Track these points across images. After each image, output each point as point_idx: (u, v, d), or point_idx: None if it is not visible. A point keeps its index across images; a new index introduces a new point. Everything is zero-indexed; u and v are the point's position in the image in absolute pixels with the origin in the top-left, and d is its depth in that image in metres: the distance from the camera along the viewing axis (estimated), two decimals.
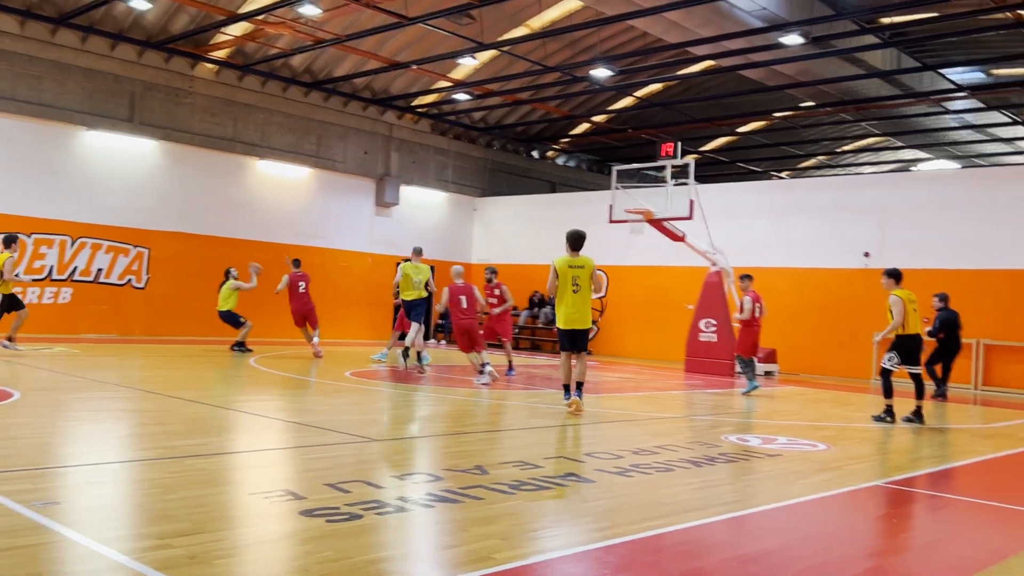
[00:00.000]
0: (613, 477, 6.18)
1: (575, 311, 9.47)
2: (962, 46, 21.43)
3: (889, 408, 10.31)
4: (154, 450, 6.44)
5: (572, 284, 9.40)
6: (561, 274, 9.47)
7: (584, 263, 9.53)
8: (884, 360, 10.41)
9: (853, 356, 18.61)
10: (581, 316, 9.51)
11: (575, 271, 9.46)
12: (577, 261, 9.53)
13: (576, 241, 9.61)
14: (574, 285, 9.40)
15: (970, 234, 17.45)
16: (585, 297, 9.48)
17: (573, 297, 9.44)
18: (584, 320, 9.54)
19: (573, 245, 9.59)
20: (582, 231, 9.74)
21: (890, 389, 10.37)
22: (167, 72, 19.50)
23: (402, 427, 9.01)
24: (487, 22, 18.72)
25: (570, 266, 9.49)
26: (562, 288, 9.46)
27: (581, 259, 9.57)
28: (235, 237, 20.71)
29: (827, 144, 31.65)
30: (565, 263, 9.50)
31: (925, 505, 6.28)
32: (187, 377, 11.81)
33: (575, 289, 9.41)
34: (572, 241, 9.60)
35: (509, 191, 27.12)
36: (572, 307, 9.46)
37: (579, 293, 9.44)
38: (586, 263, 9.54)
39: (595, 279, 9.71)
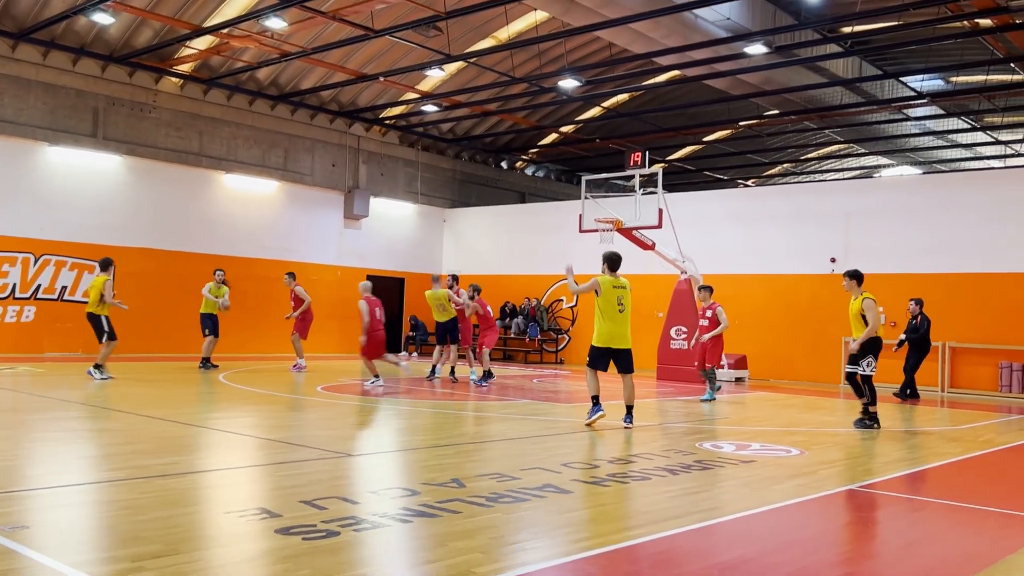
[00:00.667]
0: (590, 487, 6.17)
1: (620, 330, 9.53)
2: (922, 54, 21.81)
3: (874, 414, 10.36)
4: (123, 470, 6.33)
5: (618, 304, 9.48)
6: (606, 292, 9.50)
7: (627, 284, 9.68)
8: (864, 367, 10.24)
9: (821, 361, 18.82)
10: (624, 336, 9.58)
11: (620, 291, 9.54)
12: (620, 282, 9.63)
13: (615, 263, 9.73)
14: (619, 305, 9.49)
15: (933, 238, 17.74)
16: (628, 318, 9.57)
17: (620, 317, 9.51)
18: (627, 339, 9.60)
19: (612, 266, 9.69)
20: (619, 254, 9.88)
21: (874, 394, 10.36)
22: (131, 87, 19.28)
23: (377, 441, 8.94)
24: (454, 34, 18.75)
25: (614, 286, 9.54)
26: (607, 307, 9.48)
27: (623, 280, 9.69)
28: (203, 252, 20.49)
29: (792, 152, 32.05)
30: (609, 283, 9.54)
31: (899, 508, 6.34)
32: (155, 395, 11.64)
33: (621, 309, 9.50)
34: (611, 262, 9.69)
35: (479, 202, 27.13)
36: (618, 326, 9.51)
37: (624, 313, 9.54)
38: (627, 284, 9.68)
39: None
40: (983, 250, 17.10)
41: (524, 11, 18.70)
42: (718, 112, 24.93)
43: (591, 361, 9.67)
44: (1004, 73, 22.26)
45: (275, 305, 21.71)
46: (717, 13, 16.82)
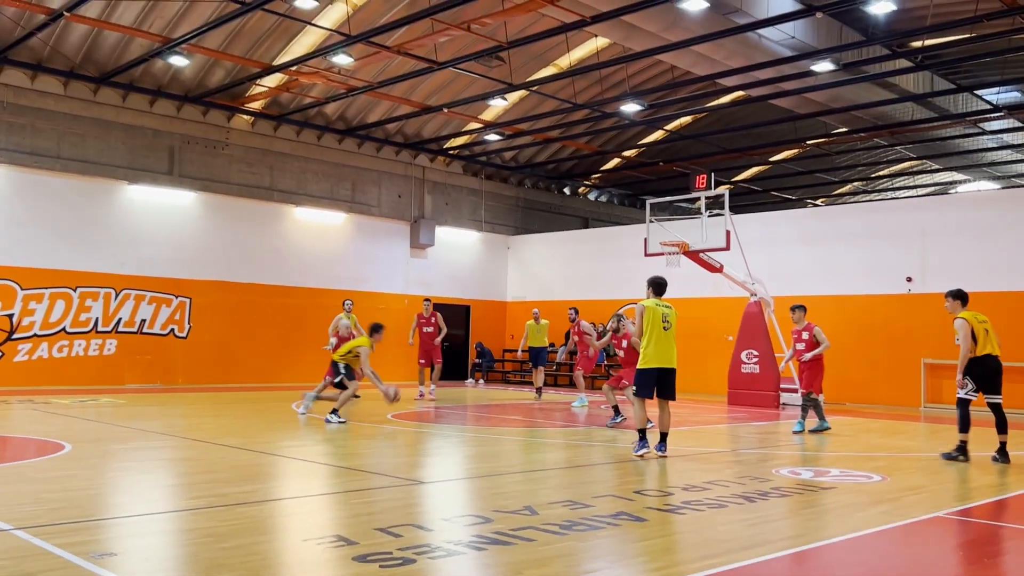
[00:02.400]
0: (665, 515, 6.07)
1: (667, 348, 9.32)
2: (996, 66, 21.19)
3: (962, 445, 9.35)
4: (203, 498, 6.46)
5: (663, 321, 9.32)
6: (651, 313, 9.37)
7: (671, 304, 9.56)
8: (959, 389, 9.38)
9: (900, 383, 18.25)
10: (672, 354, 9.37)
11: (664, 310, 9.43)
12: (663, 303, 9.55)
13: (661, 287, 9.67)
14: (664, 322, 9.33)
15: (1014, 255, 17.12)
16: (673, 337, 9.40)
17: (665, 335, 9.33)
18: (674, 359, 9.38)
19: (658, 291, 9.63)
20: (665, 278, 9.83)
21: (967, 422, 9.37)
22: (204, 125, 19.93)
23: (447, 468, 8.96)
24: (515, 63, 18.93)
25: (658, 305, 9.46)
26: (652, 327, 9.30)
27: (666, 301, 9.62)
28: (274, 284, 20.95)
29: (862, 170, 31.38)
30: (654, 303, 9.46)
31: (990, 536, 6.08)
32: (231, 424, 11.88)
33: (666, 326, 9.33)
34: (657, 287, 9.65)
35: (542, 228, 27.19)
36: (665, 344, 9.30)
37: (669, 332, 9.36)
38: (672, 308, 9.56)
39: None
40: None
41: (585, 38, 18.79)
42: (784, 131, 24.57)
43: (639, 388, 9.39)
44: None
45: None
46: (781, 32, 16.63)
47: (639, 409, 9.39)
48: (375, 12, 17.01)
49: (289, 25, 17.33)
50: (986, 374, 9.28)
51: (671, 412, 9.44)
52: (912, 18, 18.25)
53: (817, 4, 15.18)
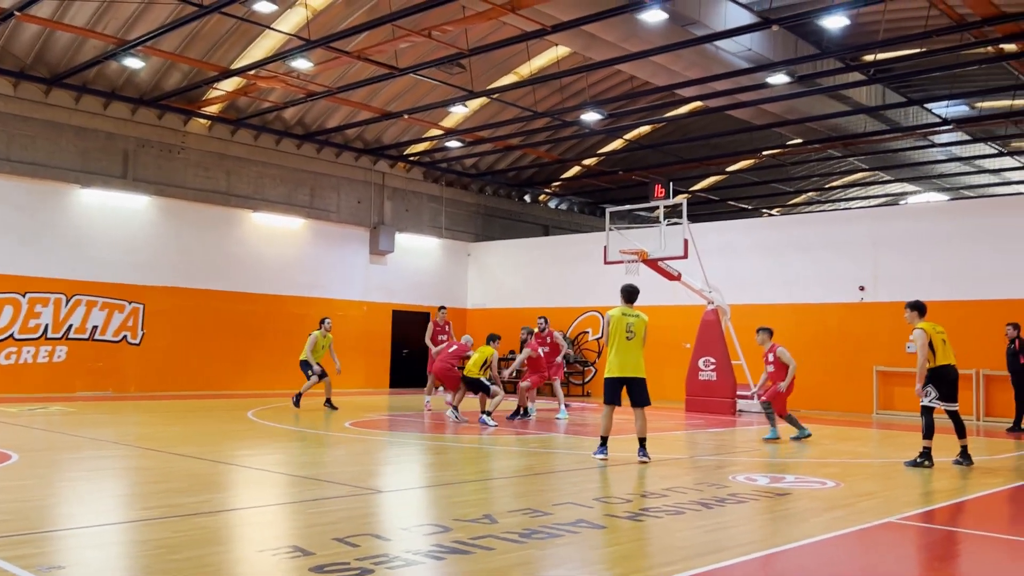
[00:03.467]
0: (624, 522, 6.10)
1: (630, 358, 9.32)
2: (946, 80, 21.74)
3: (927, 451, 9.51)
4: (156, 509, 6.35)
5: (627, 331, 9.32)
6: (615, 322, 9.39)
7: (639, 313, 9.55)
8: (923, 398, 9.61)
9: (853, 390, 18.56)
10: (635, 364, 9.35)
11: (629, 319, 9.41)
12: (631, 311, 9.53)
13: (630, 294, 9.67)
14: (628, 332, 9.32)
15: (962, 265, 17.53)
16: (638, 346, 9.38)
17: (628, 344, 9.32)
18: (639, 368, 9.37)
19: (627, 298, 9.63)
20: (636, 286, 9.82)
21: (931, 429, 9.57)
22: (160, 128, 19.63)
23: (406, 477, 8.90)
24: (476, 71, 18.95)
25: (624, 314, 9.45)
26: (616, 336, 9.34)
27: (635, 310, 9.59)
28: (230, 290, 20.69)
29: (816, 180, 31.93)
30: (620, 312, 9.47)
31: (940, 541, 6.20)
32: (186, 433, 11.69)
33: (629, 336, 9.32)
34: (626, 294, 9.65)
35: (503, 235, 27.22)
36: (626, 353, 9.31)
37: (633, 341, 9.34)
38: (641, 315, 9.55)
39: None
40: (1013, 277, 16.86)
41: (546, 47, 18.88)
42: (741, 142, 24.92)
43: (606, 396, 9.46)
44: None
45: (302, 342, 21.80)
46: (738, 44, 16.87)
47: (604, 416, 9.49)
48: (335, 17, 16.92)
49: (247, 29, 17.16)
50: (946, 383, 9.53)
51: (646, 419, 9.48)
52: (865, 32, 18.65)
53: (773, 17, 15.44)
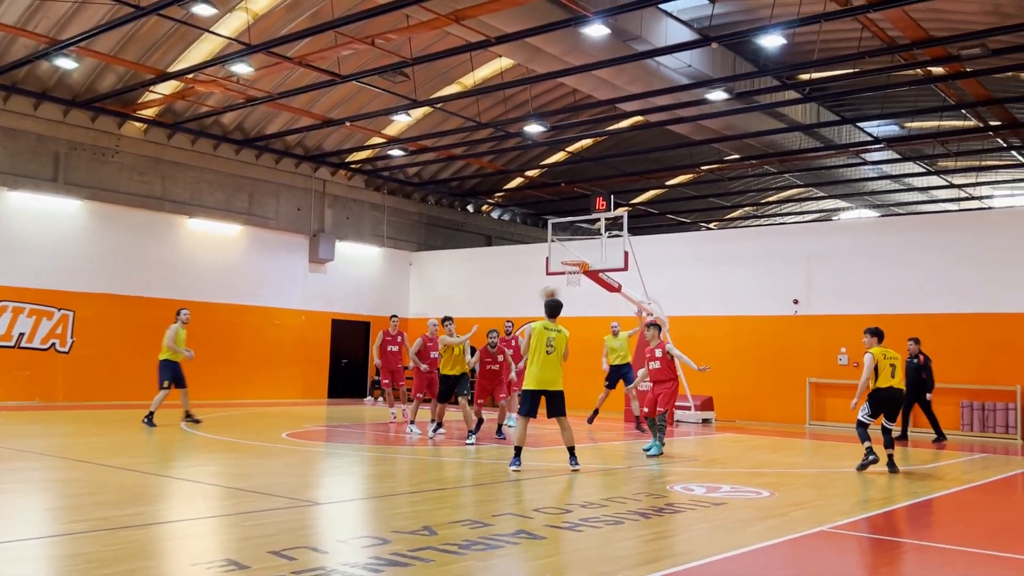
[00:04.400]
0: (564, 532, 6.12)
1: (549, 372, 9.47)
2: (877, 100, 22.43)
3: (869, 448, 10.25)
4: (86, 522, 6.16)
5: (547, 345, 9.43)
6: (536, 335, 9.51)
7: (560, 328, 9.64)
8: (860, 414, 10.47)
9: (787, 401, 18.96)
10: (554, 377, 9.50)
11: (551, 333, 9.53)
12: (552, 326, 9.63)
13: (551, 309, 9.76)
14: (548, 346, 9.44)
15: (891, 279, 18.06)
16: (558, 360, 9.51)
17: (548, 359, 9.44)
18: (557, 381, 9.52)
19: (550, 313, 9.72)
20: (560, 301, 9.91)
21: (866, 436, 10.35)
22: (93, 131, 19.13)
23: (344, 489, 8.80)
24: (420, 79, 18.92)
25: (546, 328, 9.56)
26: (537, 350, 9.47)
27: (556, 324, 9.69)
28: (164, 297, 20.19)
29: (752, 195, 32.59)
30: (542, 326, 9.58)
31: (871, 549, 6.36)
32: (117, 444, 11.37)
33: (549, 350, 9.44)
34: (548, 309, 9.75)
35: (445, 245, 27.17)
36: (544, 368, 9.44)
37: (552, 356, 9.46)
38: (563, 330, 9.65)
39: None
40: (939, 291, 17.43)
41: (489, 58, 18.94)
42: (680, 157, 25.32)
43: (520, 407, 9.59)
44: (956, 119, 22.95)
45: (238, 351, 21.47)
46: (679, 60, 17.17)
47: (519, 427, 9.57)
48: (276, 22, 16.72)
49: (186, 32, 16.85)
50: (883, 403, 10.24)
51: (571, 427, 9.63)
52: (800, 52, 19.15)
53: (712, 35, 15.75)
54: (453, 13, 14.03)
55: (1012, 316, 16.56)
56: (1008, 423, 16.41)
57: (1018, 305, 16.61)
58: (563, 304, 9.96)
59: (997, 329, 16.67)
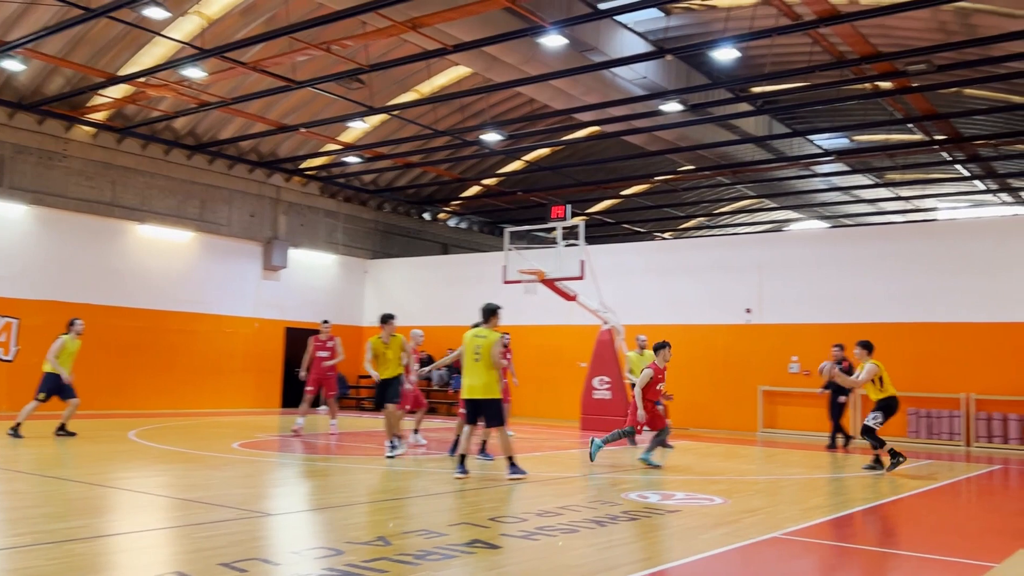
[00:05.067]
0: (519, 541, 6.10)
1: (473, 380, 9.38)
2: (827, 114, 22.90)
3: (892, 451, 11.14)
4: (28, 535, 5.99)
5: (474, 353, 9.35)
6: (466, 343, 9.46)
7: (487, 334, 9.48)
8: (868, 419, 11.29)
9: (739, 409, 19.19)
10: (483, 385, 9.33)
11: (478, 340, 9.42)
12: (482, 332, 9.50)
13: (486, 313, 9.66)
14: (475, 353, 9.35)
15: (840, 290, 18.40)
16: (485, 368, 9.32)
17: (474, 367, 9.34)
18: (486, 390, 9.33)
19: (483, 317, 9.65)
20: (494, 305, 9.73)
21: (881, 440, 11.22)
22: (40, 135, 18.69)
23: (297, 499, 8.69)
24: (376, 86, 18.84)
25: (475, 335, 9.48)
26: (466, 357, 9.43)
27: (485, 330, 9.54)
28: (113, 304, 19.80)
29: (706, 206, 33.01)
30: (471, 333, 9.52)
31: (822, 555, 6.45)
32: (62, 454, 11.09)
33: (476, 357, 9.34)
34: (482, 314, 9.68)
35: (401, 253, 27.04)
36: (473, 375, 9.38)
37: (479, 363, 9.32)
38: (489, 334, 9.47)
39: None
40: (887, 300, 17.81)
41: (447, 66, 18.94)
42: (636, 167, 25.57)
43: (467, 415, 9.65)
44: (903, 133, 23.52)
45: (189, 359, 21.09)
46: (634, 72, 17.34)
47: (463, 435, 9.63)
48: (231, 27, 16.53)
49: (138, 35, 16.57)
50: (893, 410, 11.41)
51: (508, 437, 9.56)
52: (753, 65, 19.47)
53: (667, 47, 15.94)
54: (410, 21, 14.01)
55: (957, 325, 16.98)
56: (953, 430, 16.81)
57: (962, 315, 17.04)
58: (497, 308, 9.71)
59: (942, 338, 17.09)
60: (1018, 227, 18.63)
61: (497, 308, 9.73)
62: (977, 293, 16.99)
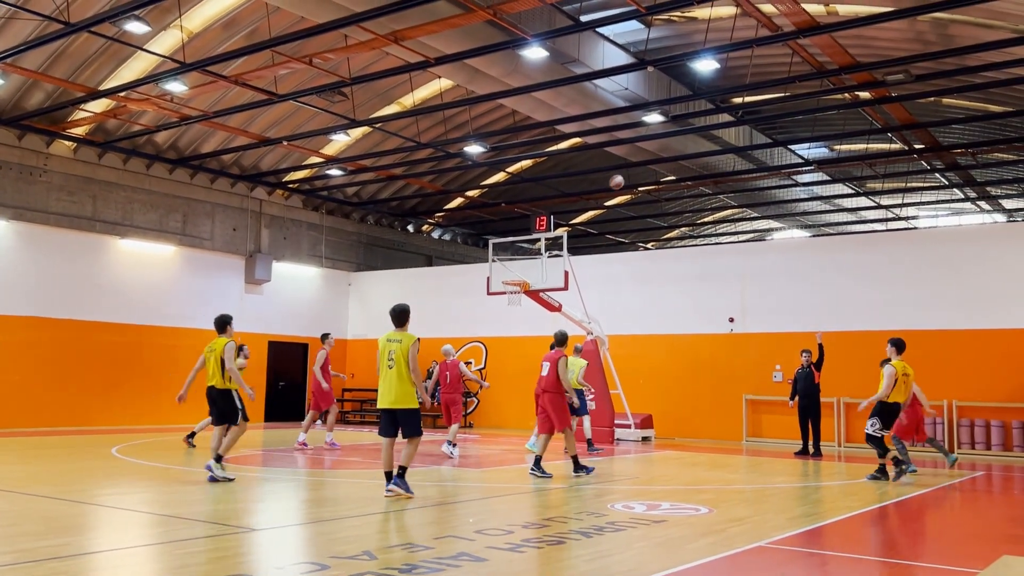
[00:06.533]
0: (505, 554, 6.09)
1: (386, 387, 8.72)
2: (808, 124, 23.10)
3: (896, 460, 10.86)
4: (8, 554, 5.91)
5: (388, 359, 8.70)
6: (379, 348, 8.83)
7: (402, 338, 8.80)
8: (868, 427, 10.89)
9: (724, 418, 19.24)
10: (399, 394, 8.66)
11: (391, 345, 8.75)
12: (395, 335, 8.84)
13: (395, 315, 9.01)
14: (389, 360, 8.69)
15: (822, 298, 18.52)
16: (399, 375, 8.66)
17: (387, 373, 8.69)
18: (402, 399, 8.66)
19: (394, 320, 9.00)
20: (404, 305, 9.14)
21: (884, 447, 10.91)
22: (20, 149, 18.56)
23: (280, 514, 8.62)
24: (358, 99, 18.85)
25: (388, 340, 8.82)
26: (380, 364, 8.81)
27: (399, 334, 8.87)
28: (94, 320, 19.65)
29: (688, 216, 33.17)
30: (384, 337, 8.87)
31: (807, 564, 6.47)
32: (42, 471, 10.97)
33: (389, 364, 8.69)
34: (393, 316, 9.03)
35: (385, 265, 26.99)
36: (387, 383, 8.71)
37: (392, 370, 8.67)
38: (404, 338, 8.80)
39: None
40: (869, 309, 17.92)
41: (429, 78, 18.97)
42: None
43: (380, 427, 8.90)
44: (883, 142, 23.73)
45: (172, 374, 20.93)
46: (616, 83, 17.43)
47: (382, 450, 8.90)
48: (212, 40, 16.50)
49: (118, 49, 16.51)
50: (891, 416, 10.90)
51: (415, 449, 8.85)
52: (734, 76, 19.63)
53: (648, 59, 16.04)
54: (392, 34, 14.03)
55: (939, 332, 17.11)
56: (936, 437, 16.90)
57: (944, 322, 17.18)
58: (408, 308, 9.14)
59: (925, 345, 17.18)
60: (998, 234, 18.84)
61: (408, 309, 9.14)
62: (958, 300, 17.14)
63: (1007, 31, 15.18)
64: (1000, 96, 19.48)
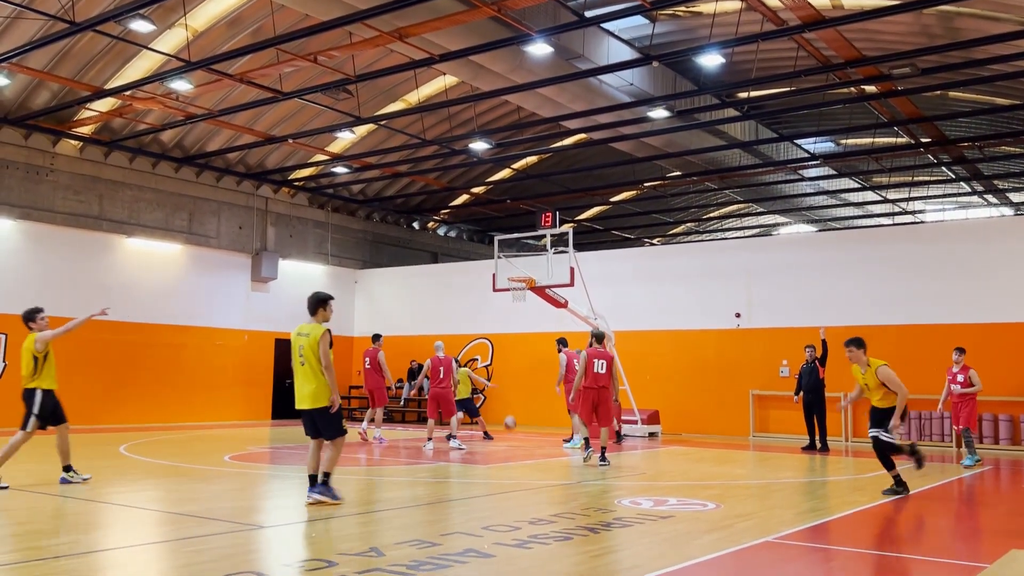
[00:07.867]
0: (512, 550, 6.09)
1: (302, 385, 7.96)
2: (814, 118, 23.02)
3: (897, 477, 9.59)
4: (17, 552, 5.94)
5: (299, 355, 7.96)
6: (292, 344, 8.08)
7: (310, 331, 7.98)
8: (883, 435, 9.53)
9: (731, 414, 19.21)
10: (310, 392, 7.91)
11: (300, 339, 7.97)
12: (304, 328, 8.03)
13: (308, 304, 8.20)
14: (300, 356, 7.95)
15: (828, 292, 18.47)
16: (311, 372, 7.89)
17: (300, 371, 7.96)
18: (314, 398, 7.90)
19: (309, 311, 8.19)
20: (320, 294, 8.27)
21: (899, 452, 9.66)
22: (27, 149, 18.63)
23: (289, 511, 8.64)
24: (364, 96, 18.85)
25: (298, 334, 8.04)
26: (293, 360, 8.07)
27: (308, 326, 8.05)
28: (103, 319, 19.66)
29: (694, 211, 33.12)
30: (295, 332, 8.08)
31: (815, 559, 6.46)
32: (52, 470, 11.00)
33: (301, 361, 7.94)
34: (309, 305, 8.22)
35: (391, 262, 27.02)
36: (299, 381, 7.98)
37: (304, 367, 7.91)
38: (312, 331, 7.97)
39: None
40: (874, 303, 17.88)
41: (434, 75, 18.96)
42: (623, 173, 25.62)
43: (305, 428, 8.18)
44: (889, 136, 23.66)
45: (179, 372, 21.01)
46: (621, 79, 17.41)
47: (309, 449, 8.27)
48: (217, 39, 16.53)
49: (123, 48, 16.55)
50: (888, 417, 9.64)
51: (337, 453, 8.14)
52: (739, 71, 19.58)
53: (653, 54, 16.00)
54: (396, 31, 14.03)
55: (946, 327, 17.05)
56: (944, 431, 16.86)
57: (951, 316, 17.12)
58: (326, 298, 8.22)
59: (931, 340, 17.15)
60: (1005, 228, 18.76)
61: (326, 298, 8.20)
62: (965, 295, 17.08)
63: (1013, 24, 15.11)
64: (1007, 89, 19.40)
